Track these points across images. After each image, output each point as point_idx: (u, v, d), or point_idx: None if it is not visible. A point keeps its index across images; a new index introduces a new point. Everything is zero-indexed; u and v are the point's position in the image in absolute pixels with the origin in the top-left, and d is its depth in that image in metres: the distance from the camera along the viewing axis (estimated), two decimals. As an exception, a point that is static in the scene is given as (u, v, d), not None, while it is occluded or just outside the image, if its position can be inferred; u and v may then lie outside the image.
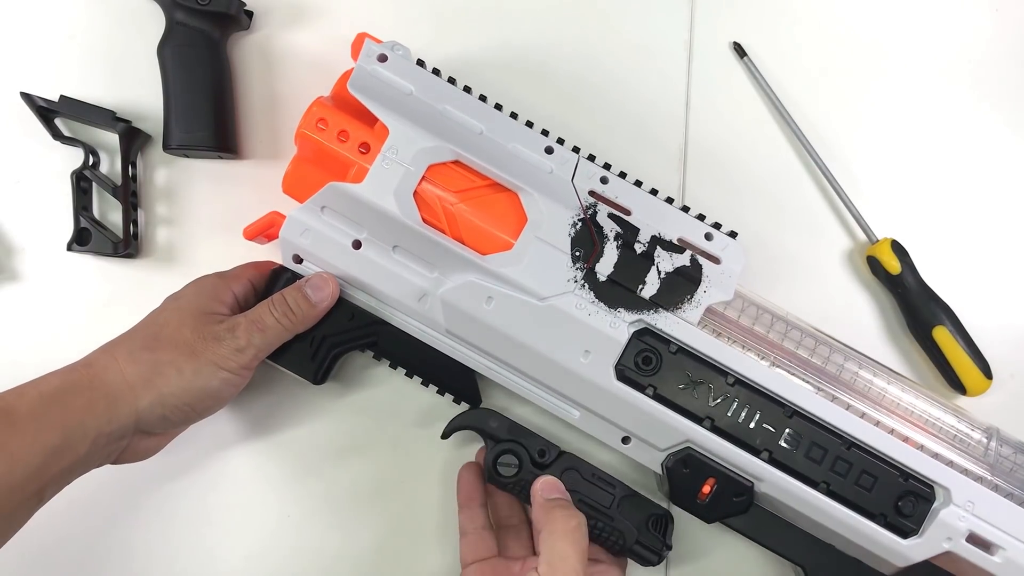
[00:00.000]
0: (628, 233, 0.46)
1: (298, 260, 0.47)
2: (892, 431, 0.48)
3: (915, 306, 0.54)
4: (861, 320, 0.57)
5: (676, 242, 0.46)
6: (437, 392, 0.50)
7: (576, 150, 0.47)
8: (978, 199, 0.58)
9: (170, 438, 0.47)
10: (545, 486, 0.46)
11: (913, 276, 0.54)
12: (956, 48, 0.58)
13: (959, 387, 0.54)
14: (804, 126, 0.56)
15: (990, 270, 0.57)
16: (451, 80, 0.47)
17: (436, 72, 0.47)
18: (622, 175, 0.47)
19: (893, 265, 0.54)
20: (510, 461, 0.47)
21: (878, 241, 0.55)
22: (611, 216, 0.46)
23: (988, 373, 0.54)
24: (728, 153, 0.57)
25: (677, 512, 0.49)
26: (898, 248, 0.54)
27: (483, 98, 0.47)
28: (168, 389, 0.43)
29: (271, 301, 0.45)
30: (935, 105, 0.58)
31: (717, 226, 0.47)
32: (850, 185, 0.56)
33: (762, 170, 0.57)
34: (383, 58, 0.45)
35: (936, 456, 0.48)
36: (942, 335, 0.54)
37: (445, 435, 0.49)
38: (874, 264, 0.55)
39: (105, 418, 0.41)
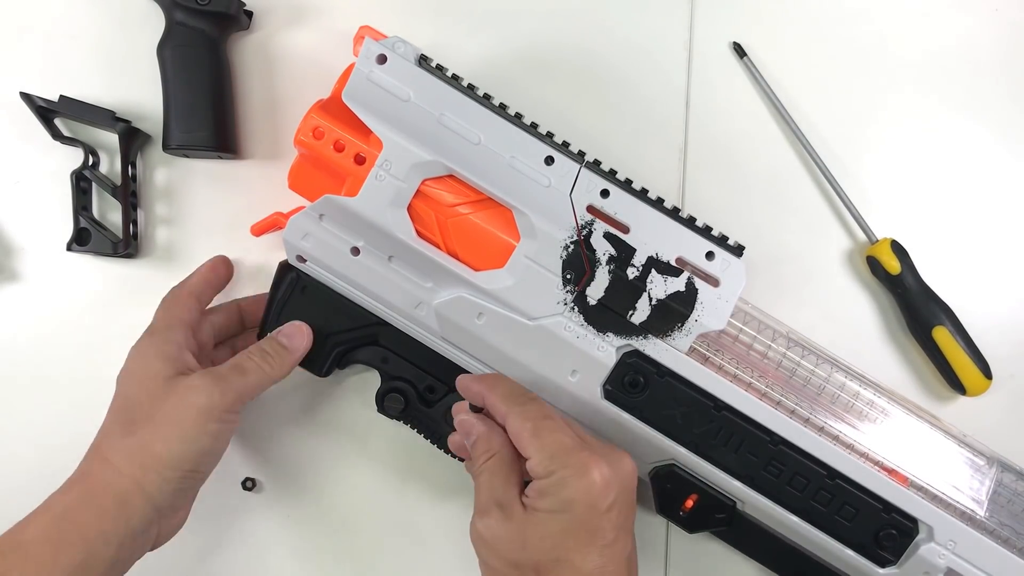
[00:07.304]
0: (622, 255, 0.45)
1: (302, 260, 0.48)
2: (880, 462, 0.48)
3: (915, 306, 0.54)
4: (861, 320, 0.57)
5: (674, 263, 0.45)
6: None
7: (581, 154, 0.46)
8: (978, 199, 0.58)
9: (192, 501, 0.47)
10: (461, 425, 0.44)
11: (913, 276, 0.54)
12: (956, 48, 0.58)
13: (959, 387, 0.54)
14: (804, 126, 0.56)
15: (990, 270, 0.57)
16: (455, 77, 0.46)
17: (440, 68, 0.46)
18: (628, 182, 0.46)
19: (893, 265, 0.54)
20: (396, 399, 0.49)
21: (878, 241, 0.55)
22: (607, 236, 0.45)
23: (988, 373, 0.54)
24: (728, 153, 0.57)
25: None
26: (898, 248, 0.54)
27: (488, 96, 0.47)
28: (164, 465, 0.42)
29: (248, 350, 0.46)
30: (935, 105, 0.58)
31: (723, 239, 0.46)
32: (850, 185, 0.56)
33: (762, 170, 0.57)
34: (382, 59, 0.45)
35: (926, 488, 0.48)
36: (942, 335, 0.54)
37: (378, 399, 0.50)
38: (874, 264, 0.55)
39: (123, 520, 0.41)
